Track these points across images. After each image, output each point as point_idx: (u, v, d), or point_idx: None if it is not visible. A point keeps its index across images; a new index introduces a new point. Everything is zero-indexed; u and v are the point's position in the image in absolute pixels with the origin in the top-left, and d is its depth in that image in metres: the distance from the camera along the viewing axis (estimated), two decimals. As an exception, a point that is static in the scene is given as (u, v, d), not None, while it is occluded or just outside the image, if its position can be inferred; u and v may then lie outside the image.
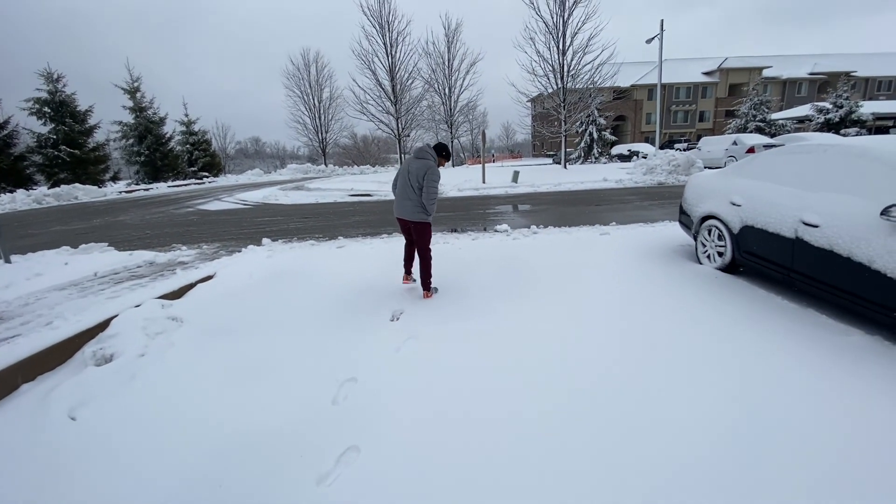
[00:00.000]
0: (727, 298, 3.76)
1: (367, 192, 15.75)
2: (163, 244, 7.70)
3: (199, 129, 32.74)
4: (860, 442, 2.01)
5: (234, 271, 5.22)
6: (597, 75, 20.96)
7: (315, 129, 36.33)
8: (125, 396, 2.86)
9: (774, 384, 2.49)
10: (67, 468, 2.22)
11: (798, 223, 3.42)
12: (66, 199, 18.64)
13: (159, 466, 2.19)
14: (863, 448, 1.97)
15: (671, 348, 2.98)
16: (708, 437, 2.09)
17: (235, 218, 11.08)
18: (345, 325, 3.75)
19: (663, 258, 5.05)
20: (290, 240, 7.52)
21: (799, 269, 3.45)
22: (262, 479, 2.04)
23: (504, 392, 2.59)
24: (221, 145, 53.75)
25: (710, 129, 44.31)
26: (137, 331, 3.59)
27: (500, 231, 7.34)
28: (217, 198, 16.67)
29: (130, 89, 27.86)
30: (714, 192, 4.62)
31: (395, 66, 26.13)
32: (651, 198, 11.37)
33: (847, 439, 2.03)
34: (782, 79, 45.16)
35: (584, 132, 30.69)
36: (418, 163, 4.26)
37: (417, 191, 4.21)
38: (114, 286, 4.80)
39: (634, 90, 45.15)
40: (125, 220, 11.77)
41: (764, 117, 31.21)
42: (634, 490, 1.82)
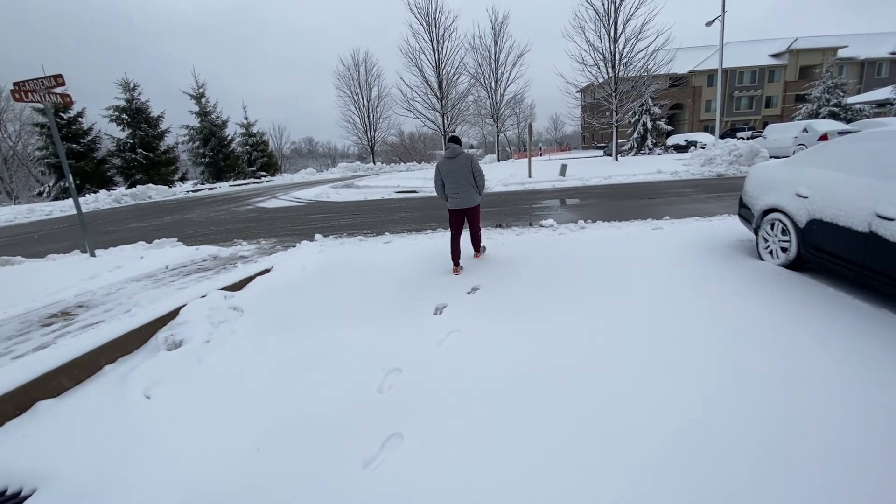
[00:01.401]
0: (792, 297, 3.52)
1: (412, 188, 15.99)
2: (225, 239, 8.25)
3: (257, 131, 34.64)
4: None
5: (288, 265, 5.51)
6: (651, 62, 19.98)
7: (364, 127, 37.27)
8: (193, 378, 3.12)
9: (843, 389, 2.32)
10: (143, 441, 2.46)
11: (872, 216, 3.14)
12: (142, 198, 20.34)
13: (221, 443, 2.39)
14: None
15: (732, 359, 2.84)
16: (771, 449, 1.99)
17: (290, 215, 11.64)
18: (390, 317, 3.87)
19: (720, 254, 4.79)
20: (340, 235, 7.82)
21: (872, 265, 3.17)
22: (313, 460, 2.17)
23: (542, 390, 2.59)
24: (278, 146, 56.54)
25: (777, 116, 41.11)
26: (203, 319, 3.90)
27: (546, 226, 7.23)
28: (273, 196, 17.56)
29: (196, 95, 29.92)
30: (778, 183, 4.32)
31: (441, 62, 26.25)
32: (709, 190, 10.76)
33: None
34: (860, 59, 40.97)
35: (636, 122, 29.42)
36: (462, 159, 4.95)
37: (472, 180, 4.96)
38: (182, 278, 5.22)
39: (692, 76, 42.66)
40: (192, 217, 12.68)
41: (839, 102, 28.51)
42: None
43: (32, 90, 5.92)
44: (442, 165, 5.01)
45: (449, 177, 4.96)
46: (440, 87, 26.57)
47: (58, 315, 4.16)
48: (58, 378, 3.02)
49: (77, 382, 3.13)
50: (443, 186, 5.07)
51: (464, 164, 4.91)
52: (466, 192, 4.98)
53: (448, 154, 5.01)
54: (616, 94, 20.55)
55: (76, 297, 4.66)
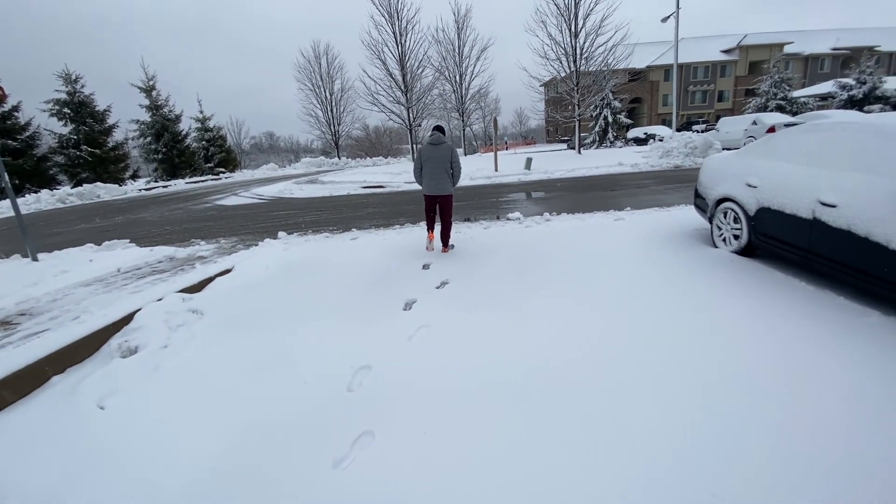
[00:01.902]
0: (743, 282, 3.71)
1: (379, 183, 15.82)
2: (182, 239, 7.90)
3: (213, 126, 33.19)
4: (861, 420, 1.99)
5: (251, 264, 5.34)
6: (610, 57, 20.50)
7: (327, 121, 36.45)
8: (150, 386, 2.98)
9: (789, 366, 2.47)
10: (97, 455, 2.33)
11: (815, 203, 3.34)
12: (89, 197, 19.18)
13: (183, 453, 2.29)
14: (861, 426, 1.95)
15: (684, 335, 2.96)
16: (720, 412, 2.10)
17: (251, 212, 11.27)
18: (359, 314, 3.82)
19: (678, 243, 4.99)
20: (304, 233, 7.64)
21: (816, 250, 3.38)
22: (281, 464, 2.12)
23: (512, 382, 2.62)
24: (236, 141, 54.46)
25: (729, 109, 43.03)
26: (160, 323, 3.73)
27: (513, 219, 7.32)
28: (233, 193, 16.95)
29: (146, 88, 28.34)
30: (730, 173, 4.53)
31: (405, 55, 25.92)
32: (667, 181, 11.17)
33: (848, 418, 2.01)
34: (804, 55, 43.45)
35: (598, 116, 30.14)
36: (444, 148, 5.29)
37: (449, 170, 5.29)
38: (136, 281, 4.97)
39: (650, 71, 44.02)
40: (145, 216, 12.07)
41: (785, 95, 30.17)
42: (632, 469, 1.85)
43: (-41, 82, 5.45)
44: (424, 151, 5.33)
45: (429, 162, 5.27)
46: (404, 80, 26.27)
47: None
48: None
49: (22, 395, 2.93)
50: (421, 170, 5.36)
51: (445, 153, 5.26)
52: (442, 179, 5.30)
53: (432, 140, 5.31)
54: (578, 89, 20.96)
55: (17, 305, 4.35)
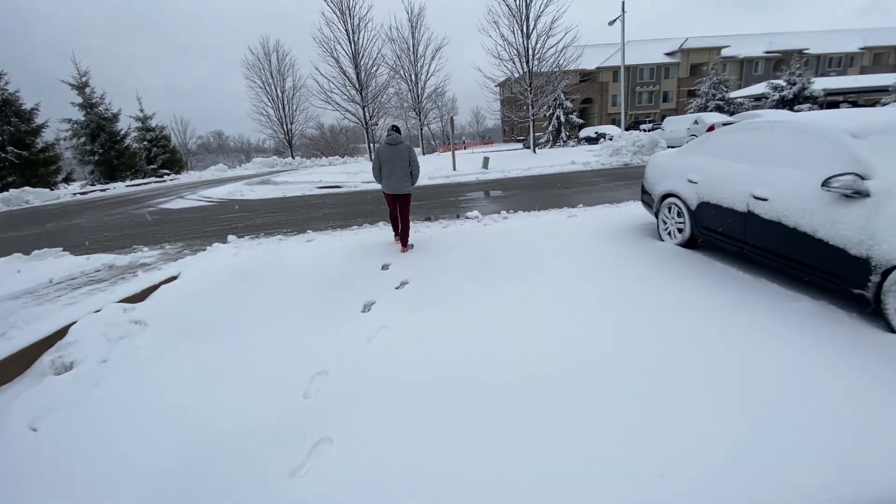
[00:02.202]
0: (686, 272, 3.92)
1: (335, 183, 15.51)
2: (123, 246, 7.42)
3: (156, 125, 31.31)
4: (788, 391, 2.16)
5: (199, 270, 5.09)
6: (561, 58, 21.05)
7: (279, 120, 35.27)
8: (89, 404, 2.79)
9: (723, 347, 2.63)
10: (30, 480, 2.15)
11: (749, 197, 3.58)
12: (16, 203, 17.64)
13: (127, 471, 2.15)
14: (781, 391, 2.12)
15: (633, 323, 3.09)
16: (657, 386, 2.20)
17: (199, 216, 10.75)
18: (316, 318, 3.73)
19: (627, 237, 5.20)
20: (257, 235, 7.36)
21: (751, 241, 3.63)
22: (235, 475, 2.04)
23: (473, 380, 2.63)
24: (182, 141, 51.75)
25: (673, 109, 45.33)
26: (98, 336, 3.49)
27: (472, 218, 7.38)
28: (179, 195, 16.10)
29: (79, 84, 26.28)
30: (672, 170, 4.77)
31: (358, 52, 25.50)
32: (617, 179, 11.62)
33: (775, 389, 2.17)
34: (740, 58, 46.48)
35: (551, 116, 30.89)
36: (401, 147, 5.37)
37: (408, 168, 5.41)
38: (71, 292, 4.62)
39: (600, 72, 45.65)
40: (81, 223, 11.25)
41: (723, 96, 32.10)
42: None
43: None
44: (382, 150, 5.41)
45: (388, 162, 5.37)
46: (359, 78, 25.85)
47: None
48: None
49: (-61, 422, 2.65)
50: (381, 170, 5.44)
51: (403, 152, 5.37)
52: (402, 178, 5.41)
53: (390, 140, 5.39)
54: (531, 89, 21.40)
55: (-69, 323, 3.93)
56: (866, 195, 2.76)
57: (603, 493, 1.75)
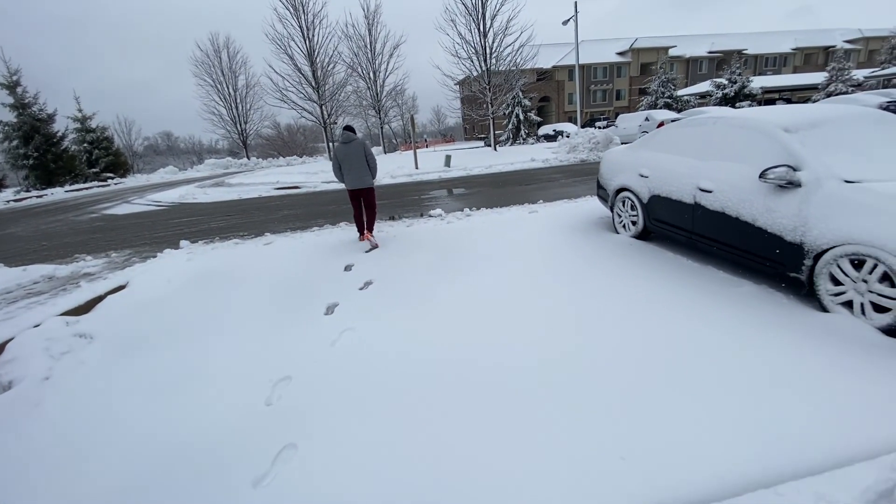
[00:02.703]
0: (640, 262, 4.09)
1: (294, 184, 15.12)
2: (63, 255, 6.94)
3: (96, 126, 29.42)
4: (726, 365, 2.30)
5: (149, 278, 4.85)
6: (518, 57, 21.39)
7: (232, 119, 33.94)
8: (30, 424, 2.61)
9: (670, 331, 2.77)
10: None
11: (696, 190, 3.77)
12: (-63, 212, 16.13)
13: (80, 495, 2.02)
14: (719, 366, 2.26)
15: (590, 310, 3.20)
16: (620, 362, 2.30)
17: (148, 221, 10.21)
18: (277, 323, 3.63)
19: (586, 231, 5.36)
20: (211, 240, 7.08)
21: (699, 231, 3.82)
22: (195, 489, 1.96)
23: (438, 378, 2.63)
24: (126, 142, 48.97)
25: (626, 107, 47.04)
26: (39, 353, 3.26)
27: (435, 216, 7.39)
28: (126, 200, 15.24)
29: (9, 84, 24.32)
30: (625, 165, 4.96)
31: (313, 50, 24.93)
32: (575, 175, 11.95)
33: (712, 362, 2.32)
34: (686, 57, 48.77)
35: (511, 114, 31.34)
36: (355, 144, 5.60)
37: (366, 163, 5.64)
38: (7, 307, 4.29)
39: (556, 71, 46.70)
40: (16, 231, 10.45)
41: (671, 94, 33.67)
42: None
43: None
44: (339, 150, 5.64)
45: (346, 160, 5.59)
46: (315, 75, 25.29)
47: None
48: None
49: None
50: (340, 168, 5.66)
51: (358, 148, 5.60)
52: (362, 173, 5.65)
53: (344, 139, 5.62)
54: (490, 87, 21.63)
55: None
56: (798, 185, 2.97)
57: (555, 481, 1.81)
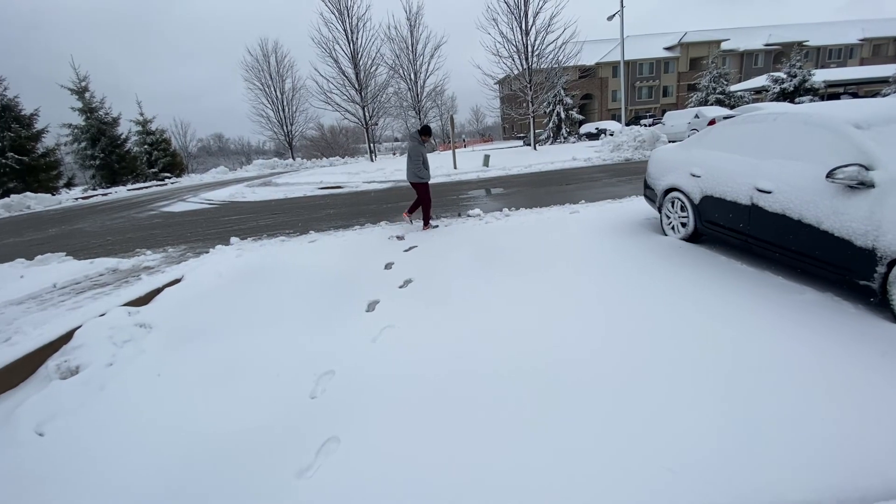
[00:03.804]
0: (690, 266, 3.90)
1: (337, 184, 15.50)
2: (126, 250, 7.43)
3: (156, 128, 31.35)
4: (798, 382, 2.14)
5: (202, 273, 5.09)
6: (560, 54, 20.99)
7: (279, 121, 35.25)
8: (95, 407, 2.79)
9: (727, 341, 2.62)
10: (37, 485, 2.15)
11: (753, 190, 3.56)
12: (18, 209, 17.71)
13: (134, 475, 2.16)
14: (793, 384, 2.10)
15: (639, 317, 3.08)
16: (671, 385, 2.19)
17: (201, 218, 10.76)
18: (320, 318, 3.73)
19: (631, 232, 5.18)
20: (259, 237, 7.37)
21: (755, 234, 3.60)
22: (242, 477, 2.04)
23: (479, 375, 2.63)
24: (182, 144, 51.93)
25: (673, 104, 45.22)
26: (103, 340, 3.49)
27: (473, 215, 7.37)
28: (181, 198, 16.13)
29: (78, 89, 26.31)
30: (675, 164, 4.75)
31: (357, 52, 25.47)
32: (619, 174, 11.59)
33: (784, 378, 2.16)
34: (740, 51, 46.26)
35: (551, 112, 30.83)
36: (408, 146, 6.83)
37: (416, 162, 6.64)
38: (75, 296, 4.63)
39: (599, 68, 45.53)
40: (84, 227, 11.28)
41: (723, 90, 31.97)
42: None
43: None
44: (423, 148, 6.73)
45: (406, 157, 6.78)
46: (358, 78, 25.83)
47: (-88, 352, 3.49)
48: (-83, 426, 2.54)
49: (-52, 427, 2.66)
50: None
51: (407, 149, 6.75)
52: (410, 170, 6.69)
53: (407, 138, 6.80)
54: (531, 86, 21.34)
55: (-63, 329, 3.95)
56: (871, 186, 2.74)
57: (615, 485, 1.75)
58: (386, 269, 4.89)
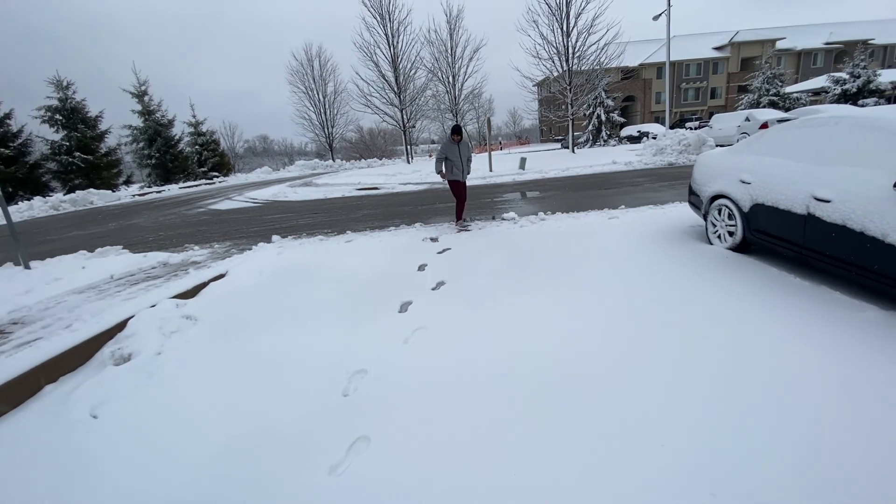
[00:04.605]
0: (738, 278, 3.71)
1: (374, 185, 15.78)
2: (176, 245, 7.84)
3: (206, 130, 33.06)
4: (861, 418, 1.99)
5: (245, 269, 5.30)
6: (603, 56, 20.55)
7: (321, 124, 36.31)
8: (144, 393, 2.94)
9: (783, 363, 2.46)
10: (90, 464, 2.30)
11: (809, 199, 3.34)
12: (82, 204, 19.04)
13: (175, 461, 2.26)
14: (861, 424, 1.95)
15: (679, 334, 2.95)
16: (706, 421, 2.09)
17: (245, 216, 11.21)
18: (354, 317, 3.79)
19: (672, 240, 4.99)
20: (299, 236, 7.60)
21: (811, 245, 3.38)
22: (276, 471, 2.09)
23: (511, 380, 2.60)
24: (230, 145, 54.31)
25: (722, 106, 43.25)
26: (154, 330, 3.69)
27: (508, 219, 7.31)
28: (227, 197, 16.87)
29: (138, 93, 28.16)
30: (723, 170, 4.54)
31: (397, 56, 25.90)
32: (661, 179, 11.20)
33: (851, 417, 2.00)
34: (796, 50, 43.69)
35: (591, 115, 30.17)
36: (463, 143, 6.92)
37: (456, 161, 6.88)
38: (129, 287, 4.91)
39: (643, 69, 44.20)
40: (139, 222, 11.99)
41: (777, 91, 30.27)
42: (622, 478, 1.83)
43: (-54, 89, 5.37)
44: (450, 146, 6.77)
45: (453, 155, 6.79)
46: (397, 81, 26.24)
47: (-12, 334, 3.81)
48: (-10, 403, 2.77)
49: (15, 405, 2.88)
50: (445, 160, 6.81)
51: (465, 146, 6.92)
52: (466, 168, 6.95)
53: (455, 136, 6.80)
54: (571, 88, 21.00)
55: (9, 314, 4.29)
56: (947, 196, 2.52)
57: None
58: (419, 270, 4.93)
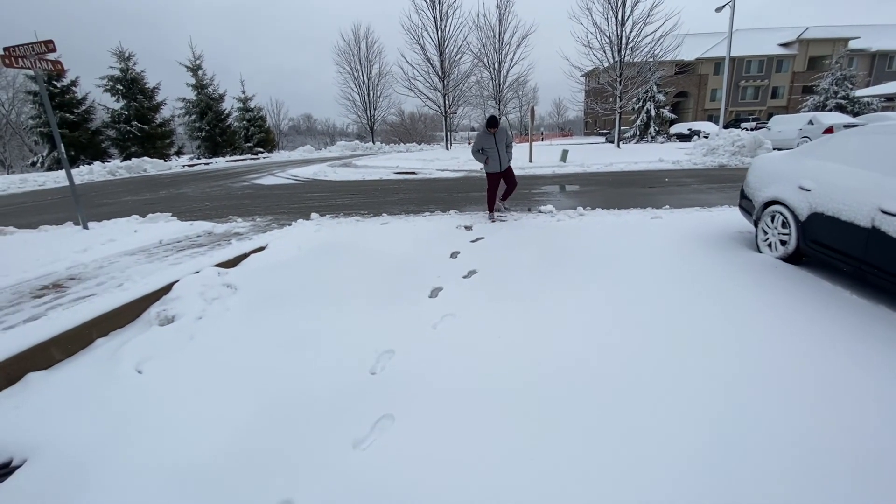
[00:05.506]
0: (789, 291, 3.50)
1: (411, 170, 15.84)
2: (220, 216, 8.16)
3: (255, 106, 34.05)
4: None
5: (284, 243, 5.46)
6: (657, 48, 19.69)
7: (364, 105, 36.68)
8: (185, 354, 3.10)
9: (836, 384, 2.32)
10: (134, 415, 2.45)
11: (876, 211, 3.10)
12: (136, 171, 20.11)
13: (210, 421, 2.38)
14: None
15: (719, 348, 2.83)
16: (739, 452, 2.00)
17: (287, 192, 11.52)
18: (385, 299, 3.85)
19: (719, 245, 4.77)
20: (336, 215, 7.75)
21: (873, 261, 3.15)
22: (303, 438, 2.17)
23: (536, 376, 2.58)
24: (275, 122, 55.77)
25: (783, 107, 40.70)
26: (196, 295, 3.87)
27: (545, 212, 7.18)
28: (270, 173, 17.37)
29: (193, 67, 29.29)
30: (781, 175, 4.28)
31: (444, 40, 25.69)
32: (710, 181, 10.69)
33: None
34: (871, 51, 40.37)
35: (640, 109, 29.10)
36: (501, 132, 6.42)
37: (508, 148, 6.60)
38: (176, 253, 5.17)
39: (699, 64, 42.06)
40: (187, 192, 12.54)
41: (847, 94, 28.22)
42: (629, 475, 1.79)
43: (22, 56, 5.74)
44: (485, 137, 6.39)
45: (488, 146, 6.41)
46: (442, 66, 26.07)
47: (49, 287, 4.11)
48: (49, 350, 2.99)
49: (68, 355, 3.11)
50: (480, 152, 6.51)
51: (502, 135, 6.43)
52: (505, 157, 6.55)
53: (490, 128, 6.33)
54: (621, 80, 20.27)
55: (68, 270, 4.61)
56: None
57: None
58: (451, 257, 4.93)
